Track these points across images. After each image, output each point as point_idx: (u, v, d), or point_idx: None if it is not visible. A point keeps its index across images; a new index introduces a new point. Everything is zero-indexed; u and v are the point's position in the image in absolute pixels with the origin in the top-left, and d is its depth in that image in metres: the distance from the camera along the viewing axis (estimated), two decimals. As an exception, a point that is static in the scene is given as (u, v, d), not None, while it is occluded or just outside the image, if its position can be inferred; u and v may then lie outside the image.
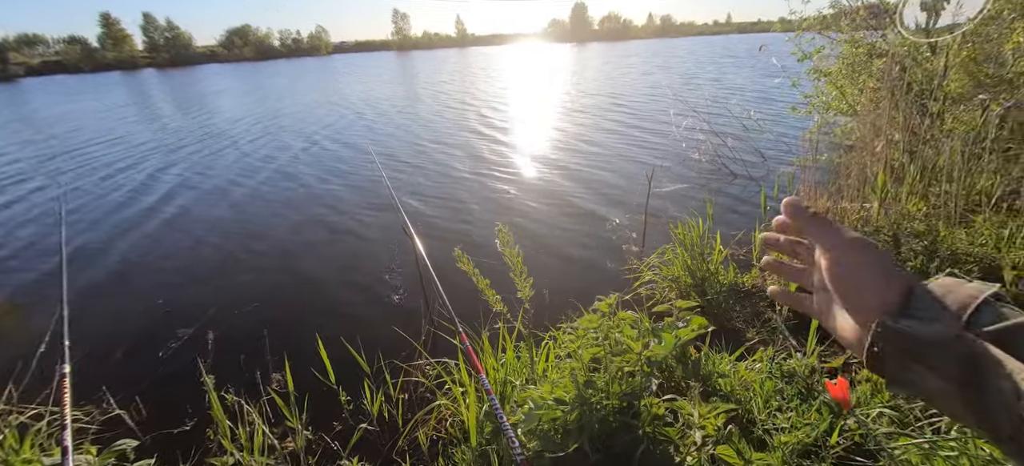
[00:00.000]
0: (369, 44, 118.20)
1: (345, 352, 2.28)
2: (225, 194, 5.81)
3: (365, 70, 32.87)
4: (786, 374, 1.71)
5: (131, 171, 7.11)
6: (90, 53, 74.01)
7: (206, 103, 16.49)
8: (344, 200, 5.36)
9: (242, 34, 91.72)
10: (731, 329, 2.46)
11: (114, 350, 2.88)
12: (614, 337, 1.36)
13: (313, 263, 3.90)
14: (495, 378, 1.83)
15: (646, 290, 2.93)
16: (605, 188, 5.33)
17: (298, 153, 7.87)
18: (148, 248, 4.33)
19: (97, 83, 32.32)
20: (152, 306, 3.34)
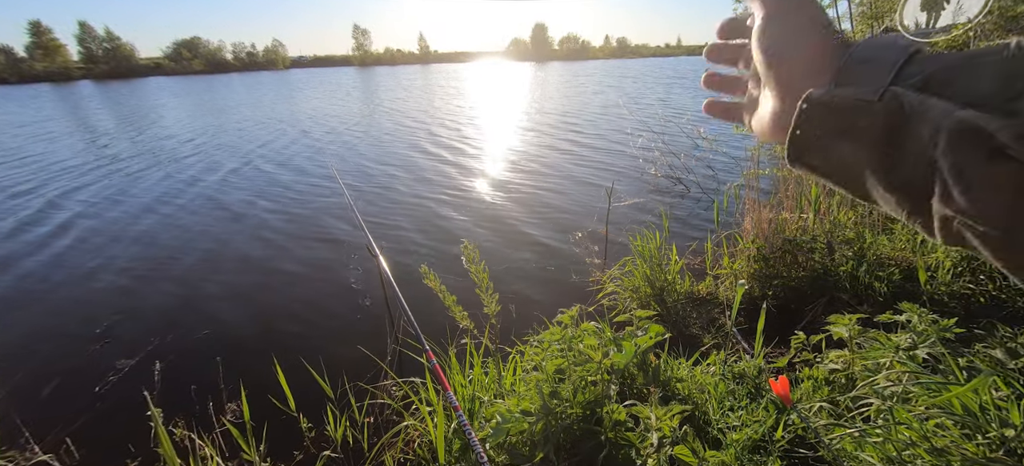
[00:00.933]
0: (329, 59, 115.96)
1: (306, 376, 2.21)
2: (170, 215, 5.47)
3: (324, 86, 32.15)
4: (737, 375, 1.82)
5: (61, 195, 6.55)
6: (16, 63, 67.99)
7: (145, 119, 15.50)
8: (303, 219, 5.19)
9: (191, 46, 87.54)
10: (689, 335, 2.59)
11: (40, 388, 2.62)
12: (577, 348, 1.42)
13: (269, 284, 3.74)
14: (463, 395, 1.83)
15: (609, 301, 3.03)
16: (567, 203, 5.48)
17: (251, 171, 7.55)
18: (84, 275, 4.00)
19: (23, 95, 29.65)
20: (88, 338, 3.08)
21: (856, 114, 0.26)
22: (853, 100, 0.26)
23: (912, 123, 0.24)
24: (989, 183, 0.21)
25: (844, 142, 0.27)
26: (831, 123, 0.28)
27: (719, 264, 3.07)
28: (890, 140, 0.25)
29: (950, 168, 0.22)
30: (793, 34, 0.31)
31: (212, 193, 6.32)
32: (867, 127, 0.26)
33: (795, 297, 2.66)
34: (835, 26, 0.31)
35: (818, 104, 0.28)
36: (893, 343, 1.51)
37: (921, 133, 0.23)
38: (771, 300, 2.63)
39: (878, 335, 1.62)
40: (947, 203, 0.23)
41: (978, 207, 0.22)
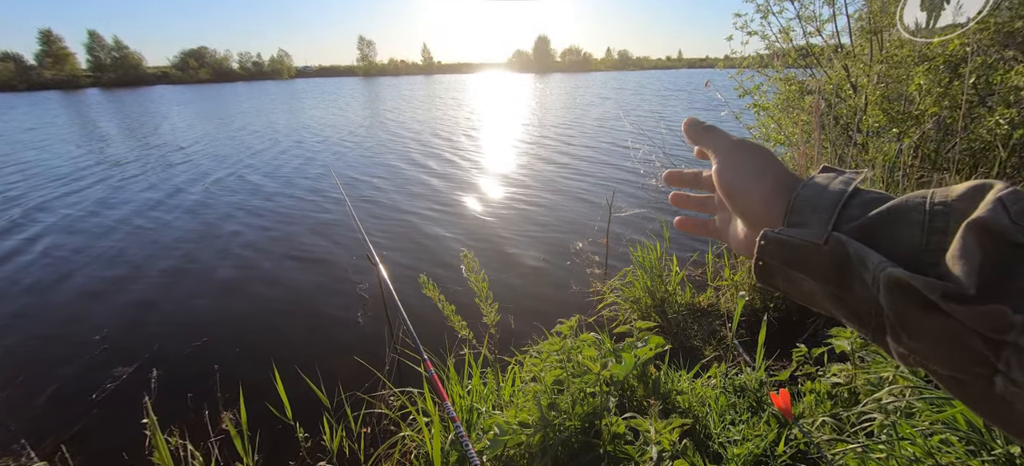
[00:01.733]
0: (334, 69, 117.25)
1: (303, 385, 2.19)
2: (171, 221, 5.49)
3: (328, 96, 32.46)
4: (738, 388, 1.80)
5: (73, 194, 6.59)
6: (25, 71, 68.96)
7: (154, 125, 15.65)
8: (302, 227, 5.19)
9: (198, 55, 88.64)
10: (689, 347, 2.57)
11: (36, 395, 2.61)
12: (576, 359, 1.40)
13: (269, 292, 3.73)
14: (461, 406, 1.81)
15: (609, 312, 3.01)
16: (567, 213, 5.48)
17: (252, 178, 7.59)
18: (81, 282, 4.00)
19: (31, 102, 30.00)
20: (85, 344, 3.07)
21: (807, 254, 0.29)
22: (802, 242, 0.29)
23: (856, 268, 0.26)
24: (928, 333, 0.23)
25: (802, 275, 0.30)
26: (787, 258, 0.31)
27: (720, 275, 3.06)
28: (840, 280, 0.28)
29: (893, 317, 0.24)
30: (747, 174, 0.36)
31: (210, 201, 6.34)
32: (818, 267, 0.29)
33: (797, 309, 2.64)
34: (783, 165, 0.36)
35: (773, 242, 0.31)
36: (896, 357, 1.49)
37: (865, 279, 0.26)
38: (772, 312, 2.61)
39: (881, 349, 1.60)
40: (899, 343, 0.25)
41: (924, 352, 0.24)
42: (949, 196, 0.26)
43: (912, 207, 0.27)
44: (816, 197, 0.31)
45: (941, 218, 0.25)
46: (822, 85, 3.44)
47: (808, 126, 3.44)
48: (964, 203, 0.25)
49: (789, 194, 0.33)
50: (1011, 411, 0.22)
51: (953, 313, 0.22)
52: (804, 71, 4.16)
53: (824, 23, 3.76)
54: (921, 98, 3.16)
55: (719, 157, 0.38)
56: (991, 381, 0.22)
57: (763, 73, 4.18)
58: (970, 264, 0.22)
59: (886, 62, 3.17)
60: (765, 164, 0.36)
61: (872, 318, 0.27)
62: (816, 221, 0.30)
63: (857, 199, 0.30)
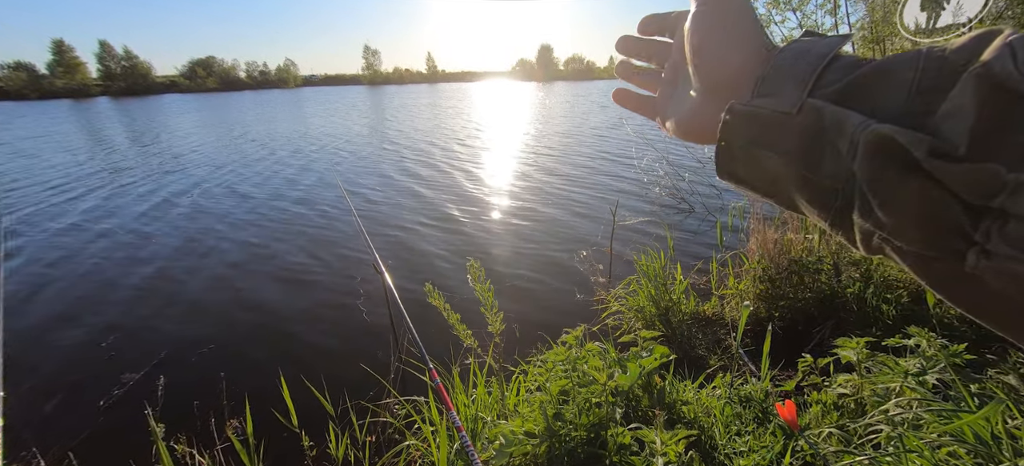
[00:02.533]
0: (339, 78, 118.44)
1: (308, 393, 2.20)
2: (180, 229, 5.55)
3: (333, 104, 32.78)
4: (743, 399, 1.80)
5: (75, 201, 6.68)
6: (37, 80, 70.15)
7: (164, 132, 15.85)
8: (308, 235, 5.23)
9: (206, 65, 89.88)
10: (694, 356, 2.56)
11: (47, 400, 2.64)
12: (582, 368, 1.41)
13: (274, 300, 3.76)
14: (466, 415, 1.82)
15: (613, 321, 3.01)
16: (571, 222, 5.49)
17: (257, 188, 7.66)
18: (91, 288, 4.05)
19: (41, 110, 30.49)
20: (94, 351, 3.10)
21: (776, 126, 0.26)
22: (772, 112, 0.26)
23: (831, 135, 0.23)
24: (904, 198, 0.21)
25: (767, 153, 0.27)
26: (753, 134, 0.27)
27: (724, 284, 3.05)
28: (810, 152, 0.25)
29: (867, 182, 0.22)
30: (724, 32, 0.31)
31: (218, 209, 6.40)
32: (787, 139, 0.25)
33: (802, 319, 2.63)
34: (765, 32, 0.30)
35: (740, 115, 0.28)
36: (902, 368, 1.49)
37: (839, 146, 0.23)
38: (777, 322, 2.60)
39: (887, 359, 1.59)
40: (866, 217, 0.23)
41: (896, 222, 0.21)
42: (948, 48, 0.22)
43: (902, 64, 0.23)
44: (792, 62, 0.27)
45: (933, 73, 0.22)
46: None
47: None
48: (964, 54, 0.21)
49: (762, 60, 0.29)
50: (978, 291, 0.20)
51: (937, 174, 0.19)
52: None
53: (827, 32, 3.78)
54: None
55: (698, 4, 0.32)
56: (962, 256, 0.19)
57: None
58: (964, 118, 0.19)
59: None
60: (752, 25, 0.30)
61: (839, 195, 0.24)
62: (790, 88, 0.26)
63: (839, 62, 0.26)
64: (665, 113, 0.37)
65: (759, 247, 2.92)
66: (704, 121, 0.32)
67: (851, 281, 2.62)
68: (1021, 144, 0.18)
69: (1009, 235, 0.18)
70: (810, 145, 0.25)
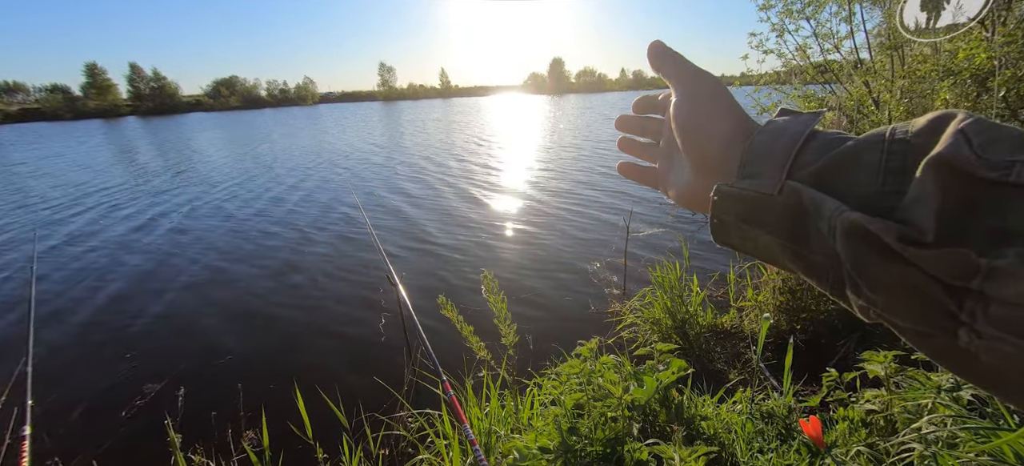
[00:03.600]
0: (356, 94, 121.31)
1: (323, 405, 2.21)
2: (201, 241, 5.70)
3: (348, 120, 33.52)
4: (765, 414, 1.74)
5: (105, 218, 6.93)
6: (71, 101, 73.72)
7: (188, 150, 16.41)
8: (323, 248, 5.32)
9: (229, 84, 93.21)
10: (713, 370, 2.50)
11: (72, 409, 2.71)
12: (597, 382, 1.38)
13: (291, 312, 3.81)
14: (479, 429, 1.80)
15: (628, 333, 2.96)
16: (584, 233, 5.46)
17: (274, 201, 7.84)
18: (116, 299, 4.17)
19: (76, 130, 31.95)
20: (117, 361, 3.18)
21: (761, 206, 0.27)
22: (756, 193, 0.27)
23: (812, 217, 0.24)
24: (887, 281, 0.21)
25: (757, 231, 0.28)
26: (741, 212, 0.29)
27: (743, 296, 2.98)
28: (796, 231, 0.26)
29: (852, 266, 0.23)
30: (703, 114, 0.33)
31: (236, 224, 6.56)
32: (773, 218, 0.27)
33: (825, 332, 2.55)
34: (742, 108, 0.33)
35: (727, 196, 0.29)
36: (934, 383, 1.42)
37: (821, 227, 0.24)
38: (799, 335, 2.53)
39: (917, 374, 1.53)
40: (858, 295, 0.23)
41: (884, 304, 0.22)
42: (909, 130, 0.23)
43: (869, 146, 0.24)
44: (771, 143, 0.28)
45: (898, 156, 0.23)
46: (843, 101, 3.39)
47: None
48: (923, 138, 0.22)
49: (745, 139, 0.30)
50: (977, 364, 0.20)
51: (912, 259, 0.20)
52: (823, 87, 4.11)
53: (842, 40, 3.72)
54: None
55: (680, 90, 0.35)
56: (954, 334, 0.20)
57: (781, 90, 4.15)
58: (929, 204, 0.20)
59: (909, 77, 3.11)
60: (727, 105, 0.32)
61: (831, 272, 0.25)
62: (769, 171, 0.27)
63: (814, 142, 0.27)
64: (665, 183, 0.39)
65: (778, 258, 2.85)
66: (698, 195, 0.34)
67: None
68: (987, 228, 0.19)
69: (993, 317, 0.18)
70: (795, 224, 0.26)
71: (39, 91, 78.62)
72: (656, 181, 0.41)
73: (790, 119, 0.29)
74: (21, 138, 28.28)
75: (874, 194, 0.23)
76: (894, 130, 0.24)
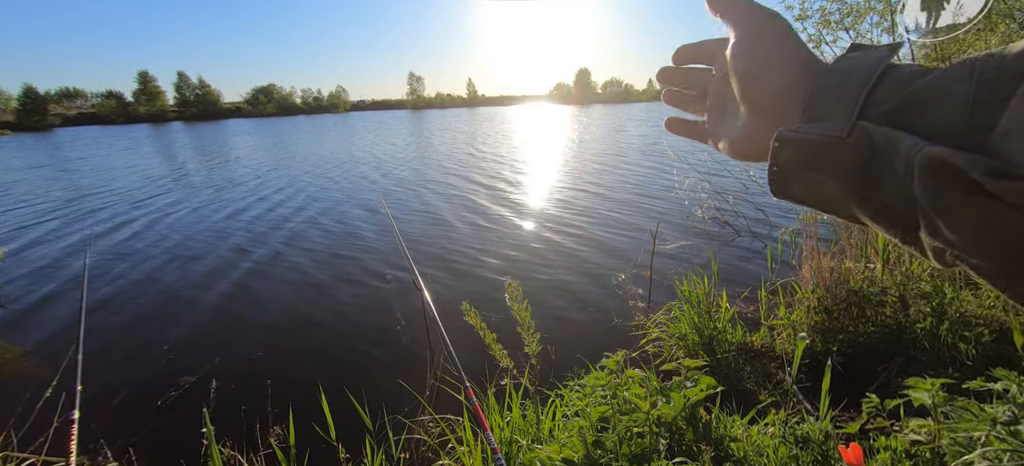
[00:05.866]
0: (385, 103, 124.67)
1: (348, 405, 2.25)
2: (235, 244, 5.94)
3: (380, 127, 34.43)
4: (800, 439, 1.66)
5: (156, 215, 7.34)
6: (124, 107, 78.85)
7: (235, 154, 17.23)
8: (352, 252, 5.45)
9: (267, 92, 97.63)
10: (742, 390, 2.41)
11: (113, 397, 2.85)
12: (622, 395, 1.36)
13: (319, 313, 3.91)
14: (501, 437, 1.79)
15: (653, 347, 2.89)
16: (610, 244, 5.39)
17: (305, 205, 8.10)
18: (158, 293, 4.39)
19: (129, 133, 34.12)
20: (157, 353, 3.34)
21: (827, 150, 0.25)
22: (823, 137, 0.26)
23: (885, 158, 0.23)
24: (971, 220, 0.20)
25: (822, 177, 0.26)
26: (805, 159, 0.27)
27: (775, 314, 2.87)
28: (866, 174, 0.24)
29: (930, 204, 0.21)
30: (766, 56, 0.31)
31: (270, 226, 6.81)
32: (840, 163, 0.25)
33: (864, 355, 2.42)
34: (808, 47, 0.30)
35: (790, 142, 0.27)
36: (988, 415, 1.32)
37: (896, 167, 0.22)
38: (836, 357, 2.41)
39: (968, 404, 1.43)
40: (935, 235, 0.22)
41: (966, 242, 0.21)
42: (1005, 56, 0.21)
43: (956, 78, 0.22)
44: (841, 83, 0.26)
45: (990, 86, 0.20)
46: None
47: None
48: (1022, 63, 0.20)
49: (814, 80, 0.28)
50: None
51: (1000, 193, 0.18)
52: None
53: (877, 44, 3.58)
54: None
55: (739, 31, 0.32)
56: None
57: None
58: (1022, 135, 0.18)
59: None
60: (793, 45, 0.30)
61: (903, 214, 0.23)
62: (840, 111, 0.25)
63: (889, 78, 0.25)
64: (716, 135, 0.37)
65: (813, 275, 2.74)
66: (756, 143, 0.32)
67: (921, 316, 2.39)
68: None
69: None
70: (864, 168, 0.24)
71: (95, 97, 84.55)
72: (705, 135, 0.39)
73: (861, 54, 0.27)
74: (95, 138, 30.35)
75: (962, 129, 0.21)
76: (988, 57, 0.21)
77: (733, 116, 0.35)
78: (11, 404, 2.58)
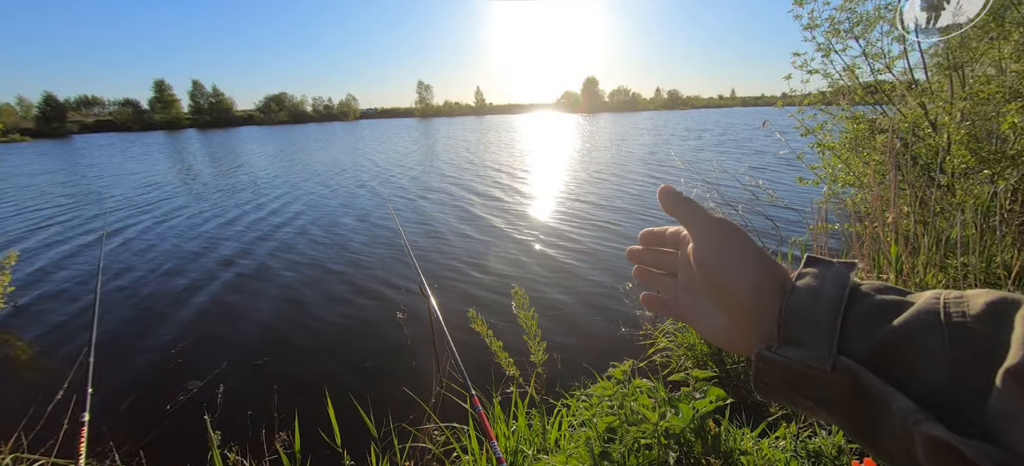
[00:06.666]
0: (395, 111, 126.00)
1: (353, 412, 2.25)
2: (245, 251, 6.01)
3: (387, 134, 34.76)
4: (812, 453, 1.62)
5: (169, 219, 7.46)
6: (140, 114, 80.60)
7: (239, 160, 17.50)
8: (359, 258, 5.48)
9: (279, 100, 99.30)
10: (752, 402, 2.36)
11: (122, 400, 2.88)
12: (630, 406, 1.34)
13: (324, 319, 3.93)
14: (506, 446, 1.77)
15: (661, 357, 2.86)
16: (617, 252, 5.37)
17: (309, 212, 8.18)
18: (168, 298, 4.44)
19: (144, 140, 34.82)
20: (165, 357, 3.37)
21: (812, 380, 0.26)
22: (805, 367, 0.26)
23: (879, 407, 0.23)
24: None
25: (809, 402, 0.27)
26: (789, 381, 0.27)
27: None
28: (857, 415, 0.25)
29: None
30: (733, 257, 0.32)
31: (278, 233, 6.88)
32: (829, 396, 0.26)
33: (878, 368, 2.36)
34: (767, 254, 0.32)
35: (771, 363, 0.28)
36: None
37: (893, 424, 0.23)
38: (849, 370, 2.36)
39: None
40: None
41: None
42: (967, 313, 0.22)
43: (925, 327, 0.23)
44: (809, 307, 0.27)
45: (965, 345, 0.22)
46: (896, 123, 3.21)
47: (882, 166, 3.18)
48: (986, 326, 0.22)
49: (779, 289, 0.29)
50: None
51: None
52: (874, 108, 3.90)
53: (894, 60, 3.54)
54: (1017, 137, 2.85)
55: (699, 234, 0.34)
56: None
57: (827, 111, 3.98)
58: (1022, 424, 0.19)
59: (970, 99, 2.91)
60: (753, 251, 0.32)
61: (901, 456, 0.23)
62: (814, 341, 0.26)
63: (858, 308, 0.26)
64: (691, 318, 0.38)
65: (824, 286, 2.68)
66: (736, 343, 0.33)
67: (937, 328, 2.33)
68: None
69: None
70: (856, 407, 0.25)
71: (112, 105, 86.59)
72: (679, 313, 0.39)
73: (821, 272, 0.28)
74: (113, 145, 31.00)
75: (946, 388, 0.22)
76: (947, 310, 0.23)
77: (707, 307, 0.35)
78: (24, 405, 2.61)
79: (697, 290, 0.36)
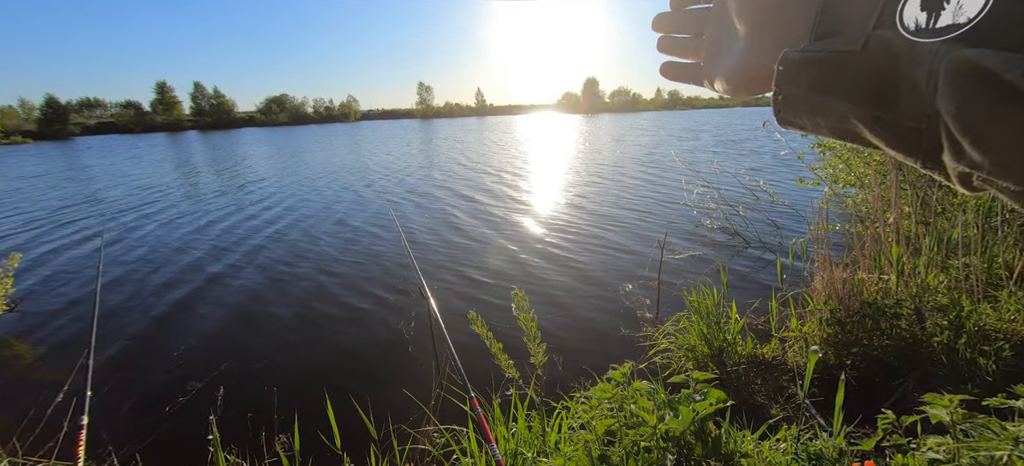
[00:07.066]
0: (395, 112, 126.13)
1: (353, 414, 2.24)
2: (243, 252, 6.01)
3: (388, 135, 34.79)
4: (813, 455, 1.61)
5: (169, 222, 7.47)
6: (141, 116, 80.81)
7: (240, 162, 17.53)
8: (358, 259, 5.48)
9: (279, 102, 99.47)
10: (753, 404, 2.35)
11: (123, 402, 2.88)
12: (629, 408, 1.34)
13: (324, 320, 3.93)
14: (505, 449, 1.77)
15: (661, 359, 2.85)
16: (617, 254, 5.36)
17: (314, 211, 8.19)
18: (168, 299, 4.45)
19: (146, 141, 34.91)
20: (165, 359, 3.37)
21: (838, 67, 0.23)
22: (833, 53, 0.23)
23: (904, 69, 0.20)
24: (1003, 133, 0.17)
25: (831, 99, 0.24)
26: (812, 80, 0.24)
27: (786, 326, 2.81)
28: (881, 94, 0.22)
29: (955, 119, 0.18)
30: None
31: (279, 235, 6.89)
32: (852, 80, 0.23)
33: (879, 369, 2.36)
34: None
35: (796, 63, 0.25)
36: (1011, 434, 1.28)
37: (916, 79, 0.20)
38: (850, 371, 2.35)
39: (989, 422, 1.38)
40: (960, 158, 0.19)
41: (997, 163, 0.18)
42: None
43: None
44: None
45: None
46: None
47: (883, 166, 3.18)
48: None
49: None
50: None
51: None
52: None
53: None
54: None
55: None
56: None
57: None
58: None
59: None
60: None
61: (924, 137, 0.20)
62: (851, 20, 0.23)
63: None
64: (712, 74, 0.35)
65: (825, 287, 2.68)
66: (755, 66, 0.30)
67: (938, 329, 2.33)
68: None
69: None
70: (881, 83, 0.22)
71: (114, 107, 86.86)
72: (701, 75, 0.38)
73: None
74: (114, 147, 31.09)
75: (990, 29, 0.19)
76: None
77: (730, 46, 0.33)
78: (23, 408, 2.61)
79: (722, 31, 0.34)
